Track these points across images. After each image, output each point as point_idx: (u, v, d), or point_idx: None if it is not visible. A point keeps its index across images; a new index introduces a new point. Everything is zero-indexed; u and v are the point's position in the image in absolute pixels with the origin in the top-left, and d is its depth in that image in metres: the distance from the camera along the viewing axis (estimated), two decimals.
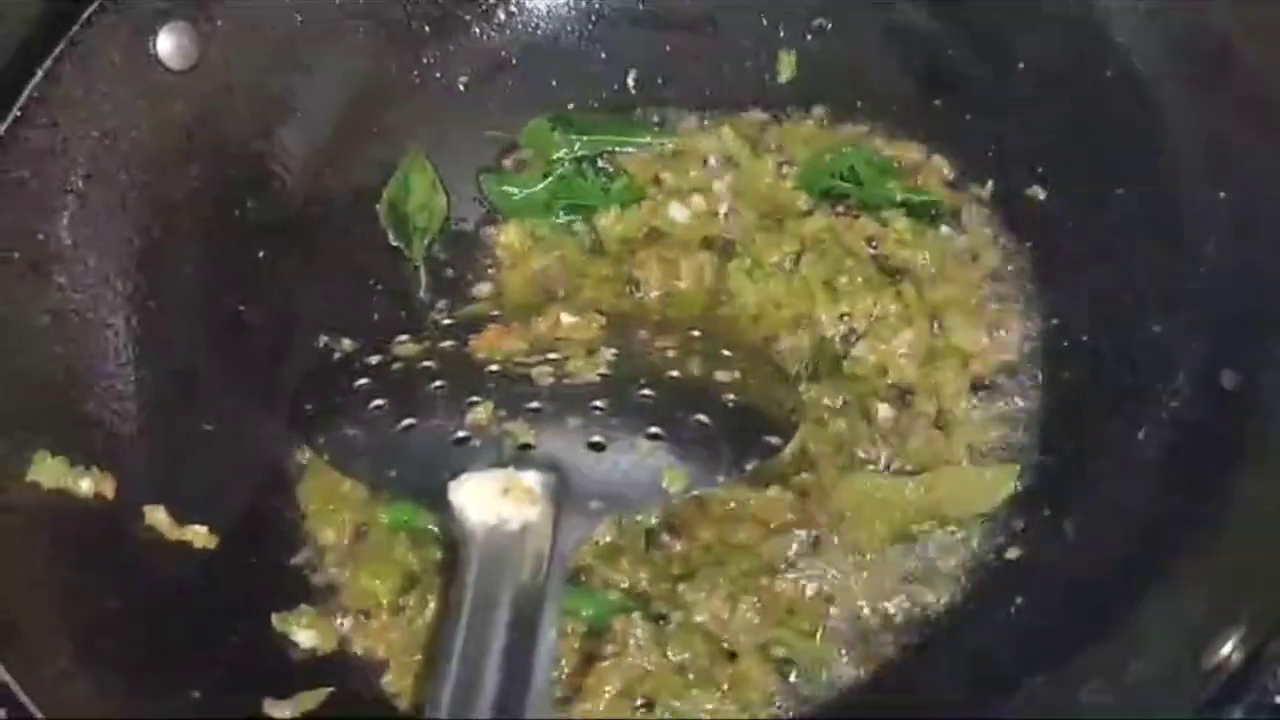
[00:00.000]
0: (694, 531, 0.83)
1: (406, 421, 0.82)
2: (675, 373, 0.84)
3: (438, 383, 0.84)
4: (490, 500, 0.75)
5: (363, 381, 0.86)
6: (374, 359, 0.88)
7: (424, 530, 0.84)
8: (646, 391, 0.82)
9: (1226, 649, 0.63)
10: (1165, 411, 0.79)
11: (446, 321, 0.93)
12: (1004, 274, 0.91)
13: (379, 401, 0.84)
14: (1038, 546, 0.80)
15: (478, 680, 0.68)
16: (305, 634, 0.81)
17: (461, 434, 0.80)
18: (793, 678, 0.79)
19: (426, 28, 0.96)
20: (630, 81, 0.99)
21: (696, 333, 0.89)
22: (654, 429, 0.80)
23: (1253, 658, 0.62)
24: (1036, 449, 0.85)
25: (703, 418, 0.81)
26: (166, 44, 0.83)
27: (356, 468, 0.83)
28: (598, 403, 0.81)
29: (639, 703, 0.78)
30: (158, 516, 0.79)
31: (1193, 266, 0.79)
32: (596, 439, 0.79)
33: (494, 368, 0.84)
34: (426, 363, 0.86)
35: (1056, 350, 0.87)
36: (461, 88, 0.97)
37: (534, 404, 0.81)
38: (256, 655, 0.79)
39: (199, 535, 0.81)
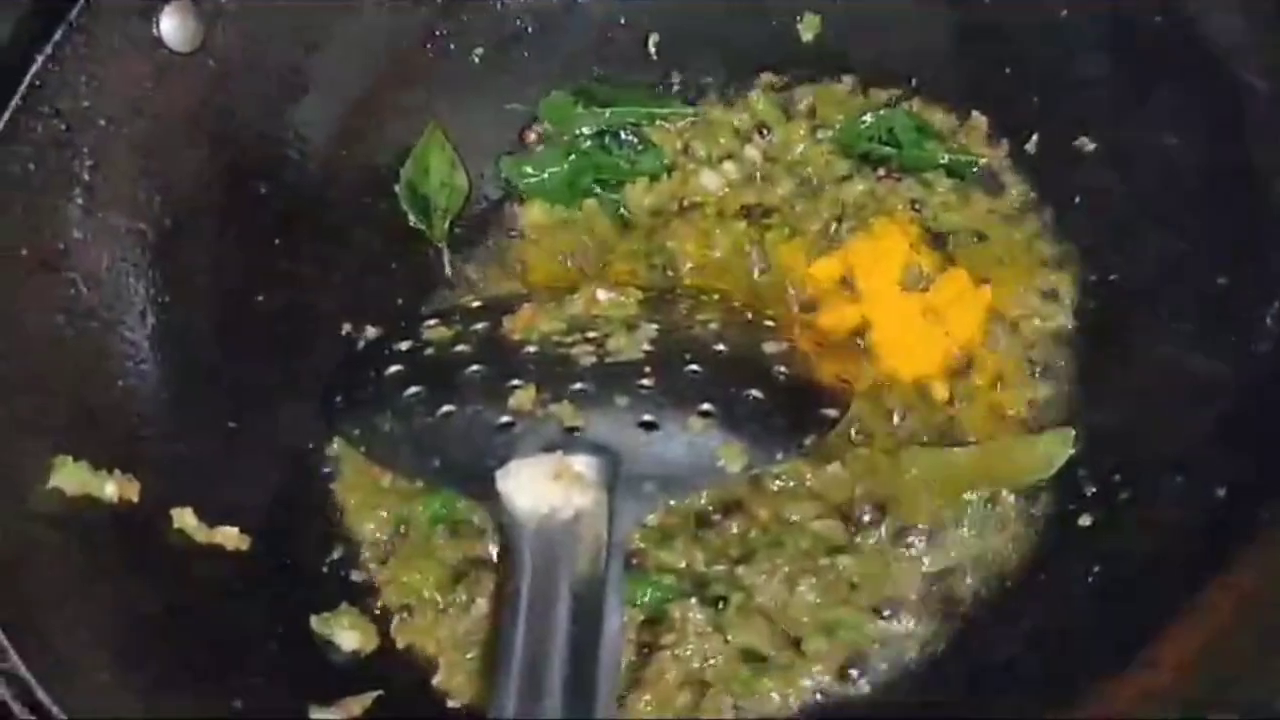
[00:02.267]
0: (748, 510, 0.80)
1: (445, 409, 0.78)
2: (722, 347, 0.80)
3: (474, 366, 0.80)
4: (541, 487, 0.72)
5: (395, 369, 0.82)
6: (404, 345, 0.84)
7: (464, 522, 0.81)
8: (694, 367, 0.79)
9: None
10: (1234, 373, 0.75)
11: (475, 303, 0.89)
12: (1054, 232, 0.87)
13: (414, 389, 0.80)
14: (1112, 513, 0.77)
15: (542, 678, 0.65)
16: (347, 635, 0.78)
17: (505, 419, 0.76)
18: (856, 658, 0.77)
19: None
20: (651, 47, 0.95)
21: (738, 304, 0.86)
22: (706, 406, 0.76)
23: None
24: (1096, 412, 0.82)
25: (756, 393, 0.77)
26: (169, 24, 0.78)
27: (396, 460, 0.80)
28: (645, 381, 0.77)
29: (701, 690, 0.75)
30: (186, 519, 0.75)
31: (1260, 215, 0.75)
32: (647, 418, 0.76)
33: (532, 349, 0.81)
34: (460, 347, 0.82)
35: (1114, 310, 0.84)
36: (477, 60, 0.93)
37: (578, 385, 0.77)
38: (297, 660, 0.76)
39: (230, 537, 0.77)
